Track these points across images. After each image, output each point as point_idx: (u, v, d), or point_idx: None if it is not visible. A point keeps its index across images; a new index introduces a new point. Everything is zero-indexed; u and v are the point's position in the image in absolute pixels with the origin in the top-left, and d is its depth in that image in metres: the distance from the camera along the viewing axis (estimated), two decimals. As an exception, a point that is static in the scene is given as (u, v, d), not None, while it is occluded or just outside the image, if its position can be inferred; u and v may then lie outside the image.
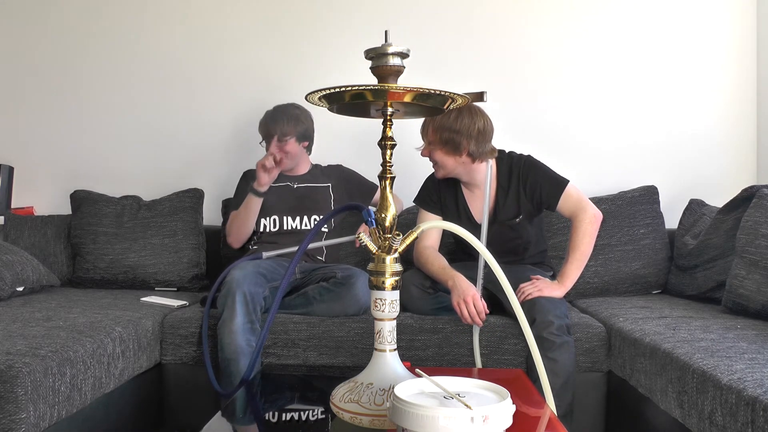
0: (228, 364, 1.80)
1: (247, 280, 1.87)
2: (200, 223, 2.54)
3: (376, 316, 1.04)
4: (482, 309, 1.80)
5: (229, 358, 1.80)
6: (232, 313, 1.82)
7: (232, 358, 1.79)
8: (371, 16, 2.71)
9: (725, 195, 2.21)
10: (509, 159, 2.03)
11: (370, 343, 1.17)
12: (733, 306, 1.86)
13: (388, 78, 1.00)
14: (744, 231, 1.90)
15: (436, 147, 1.94)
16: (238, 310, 1.82)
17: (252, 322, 1.84)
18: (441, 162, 1.96)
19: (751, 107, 2.66)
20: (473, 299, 1.79)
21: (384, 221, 1.03)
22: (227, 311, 1.83)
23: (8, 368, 1.29)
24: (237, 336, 1.80)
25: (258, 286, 1.90)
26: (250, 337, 1.82)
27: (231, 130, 2.78)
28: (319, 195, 2.35)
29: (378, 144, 1.04)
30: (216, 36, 2.77)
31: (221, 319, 1.83)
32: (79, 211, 2.53)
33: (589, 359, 1.87)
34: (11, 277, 2.10)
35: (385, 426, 0.97)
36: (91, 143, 2.82)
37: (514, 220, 2.01)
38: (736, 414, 1.18)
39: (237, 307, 1.82)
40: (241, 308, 1.82)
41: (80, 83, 2.82)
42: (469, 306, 1.79)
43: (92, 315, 1.82)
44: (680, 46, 2.67)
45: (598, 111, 2.69)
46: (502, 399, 0.84)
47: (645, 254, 2.35)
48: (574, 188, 1.96)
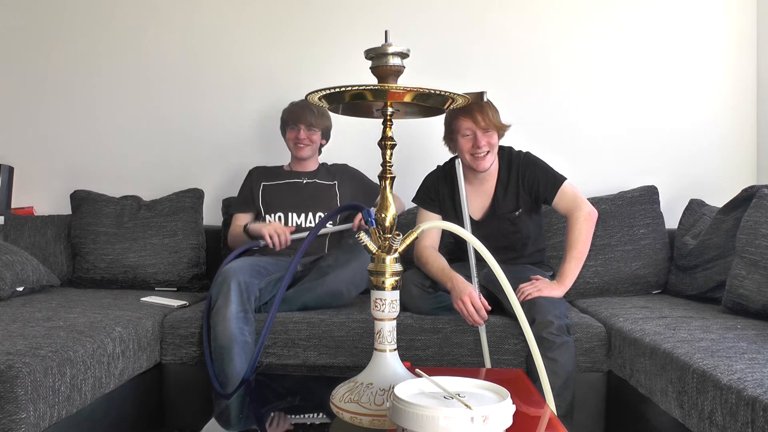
0: (221, 352, 1.80)
1: (242, 271, 1.89)
2: (200, 223, 2.54)
3: (376, 316, 1.04)
4: (481, 306, 1.81)
5: (222, 345, 1.80)
6: (226, 301, 1.82)
7: (225, 345, 1.79)
8: (373, 17, 2.71)
9: (725, 195, 2.21)
10: (509, 154, 2.08)
11: (370, 343, 1.17)
12: (733, 306, 1.86)
13: (388, 78, 1.00)
14: (744, 231, 1.90)
15: (495, 131, 1.97)
16: (233, 298, 1.82)
17: (246, 312, 1.85)
18: (496, 146, 2.00)
19: (751, 107, 2.66)
20: (470, 297, 1.80)
21: (384, 221, 1.03)
22: (221, 299, 1.83)
23: (8, 368, 1.29)
24: (230, 323, 1.80)
25: (253, 278, 1.91)
26: (243, 326, 1.82)
27: (231, 130, 2.78)
28: (325, 193, 2.36)
29: (378, 144, 1.04)
30: (216, 36, 2.77)
31: (215, 307, 1.84)
32: (79, 211, 2.53)
33: (589, 359, 1.87)
34: (11, 277, 2.10)
35: (385, 426, 0.97)
36: (91, 143, 2.83)
37: (513, 213, 2.04)
38: (736, 414, 1.18)
39: (231, 295, 1.83)
40: (236, 296, 1.83)
41: (80, 83, 2.82)
42: (467, 305, 1.80)
43: (92, 315, 1.82)
44: (680, 46, 2.67)
45: (598, 111, 2.69)
46: (502, 399, 0.84)
47: (645, 254, 2.35)
48: (571, 185, 1.99)
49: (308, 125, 2.30)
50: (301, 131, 2.30)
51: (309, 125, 2.31)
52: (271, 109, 2.63)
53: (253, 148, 2.77)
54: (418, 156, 2.37)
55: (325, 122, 2.36)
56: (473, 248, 1.75)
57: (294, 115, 2.32)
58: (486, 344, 1.83)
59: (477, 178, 2.06)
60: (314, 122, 2.31)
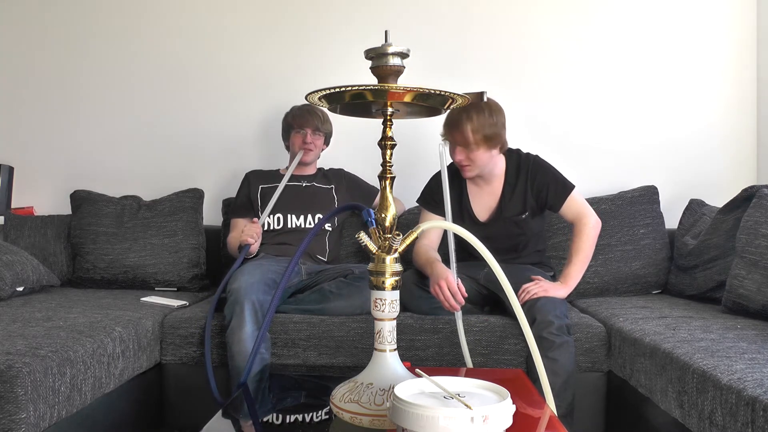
0: (238, 372, 1.78)
1: (254, 288, 1.87)
2: (200, 223, 2.54)
3: (376, 316, 1.04)
4: (457, 291, 1.79)
5: (239, 365, 1.78)
6: (240, 322, 1.81)
7: (242, 365, 1.78)
8: (372, 17, 2.71)
9: (725, 195, 2.21)
10: (517, 156, 2.07)
11: (370, 343, 1.17)
12: (733, 306, 1.86)
13: (388, 78, 1.00)
14: (744, 231, 1.90)
15: (478, 147, 1.92)
16: (247, 318, 1.81)
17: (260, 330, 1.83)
18: (478, 161, 1.95)
19: (751, 107, 2.66)
20: (447, 282, 1.80)
21: (384, 221, 1.03)
22: (235, 320, 1.82)
23: (8, 368, 1.29)
24: (246, 344, 1.79)
25: (266, 294, 1.89)
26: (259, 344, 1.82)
27: (231, 130, 2.78)
28: (324, 196, 2.37)
29: (378, 144, 1.04)
30: (217, 37, 2.77)
31: (230, 327, 1.83)
32: (79, 211, 2.53)
33: (589, 359, 1.87)
34: (11, 277, 2.10)
35: (385, 426, 0.97)
36: (91, 143, 2.82)
37: (519, 216, 2.04)
38: (736, 414, 1.18)
39: (246, 316, 1.81)
40: (250, 317, 1.82)
41: (80, 83, 2.82)
42: (444, 289, 1.79)
43: (92, 315, 1.82)
44: (680, 46, 2.67)
45: (598, 111, 2.69)
46: (502, 399, 0.84)
47: (645, 254, 2.35)
48: (579, 194, 2.01)
49: (314, 129, 2.32)
50: (308, 135, 2.31)
51: (315, 129, 2.33)
52: (272, 110, 2.64)
53: (253, 148, 2.77)
54: (418, 156, 2.37)
55: (328, 127, 2.39)
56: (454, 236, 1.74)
57: (300, 119, 2.32)
58: (463, 334, 1.77)
59: (484, 179, 2.05)
60: (320, 126, 2.33)
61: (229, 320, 1.84)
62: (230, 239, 2.32)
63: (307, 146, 2.32)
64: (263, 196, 2.34)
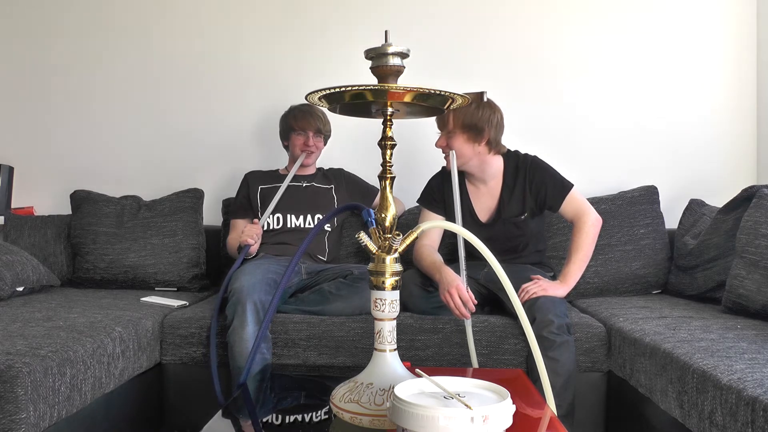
0: (240, 372, 1.78)
1: (255, 289, 1.87)
2: (200, 223, 2.54)
3: (376, 316, 1.04)
4: (468, 299, 1.80)
5: (240, 365, 1.79)
6: (242, 322, 1.81)
7: (244, 365, 1.77)
8: (372, 17, 2.71)
9: (725, 195, 2.21)
10: (516, 157, 2.07)
11: (370, 343, 1.17)
12: (733, 306, 1.86)
13: (388, 78, 1.00)
14: (744, 231, 1.90)
15: (455, 133, 1.93)
16: (249, 319, 1.81)
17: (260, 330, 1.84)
18: (459, 150, 1.95)
19: (751, 107, 2.66)
20: (458, 289, 1.80)
21: (384, 221, 1.03)
22: (237, 320, 1.82)
23: (8, 368, 1.29)
24: (248, 344, 1.79)
25: (267, 294, 1.89)
26: (262, 345, 1.82)
27: (232, 130, 2.78)
28: (323, 196, 2.37)
29: (378, 144, 1.04)
30: (216, 37, 2.77)
31: (231, 327, 1.83)
32: (79, 211, 2.53)
33: (589, 359, 1.87)
34: (11, 277, 2.10)
35: (385, 426, 0.97)
36: (91, 143, 2.82)
37: (519, 218, 2.04)
38: (736, 414, 1.18)
39: (248, 316, 1.81)
40: (252, 317, 1.82)
41: (81, 83, 2.82)
42: (454, 297, 1.79)
43: (92, 315, 1.82)
44: (680, 46, 2.67)
45: (598, 111, 2.69)
46: (502, 399, 0.84)
47: (645, 254, 2.35)
48: (578, 192, 2.00)
49: (316, 131, 2.32)
50: (310, 138, 2.31)
51: (317, 131, 2.32)
52: (272, 110, 2.63)
53: (253, 148, 2.77)
54: (418, 156, 2.37)
55: (329, 128, 2.39)
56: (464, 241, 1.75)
57: (302, 121, 2.32)
58: (472, 340, 1.80)
59: (478, 178, 2.05)
60: (321, 128, 2.33)
61: (230, 320, 1.84)
62: (230, 240, 2.32)
63: (309, 149, 2.32)
64: (263, 196, 2.34)
